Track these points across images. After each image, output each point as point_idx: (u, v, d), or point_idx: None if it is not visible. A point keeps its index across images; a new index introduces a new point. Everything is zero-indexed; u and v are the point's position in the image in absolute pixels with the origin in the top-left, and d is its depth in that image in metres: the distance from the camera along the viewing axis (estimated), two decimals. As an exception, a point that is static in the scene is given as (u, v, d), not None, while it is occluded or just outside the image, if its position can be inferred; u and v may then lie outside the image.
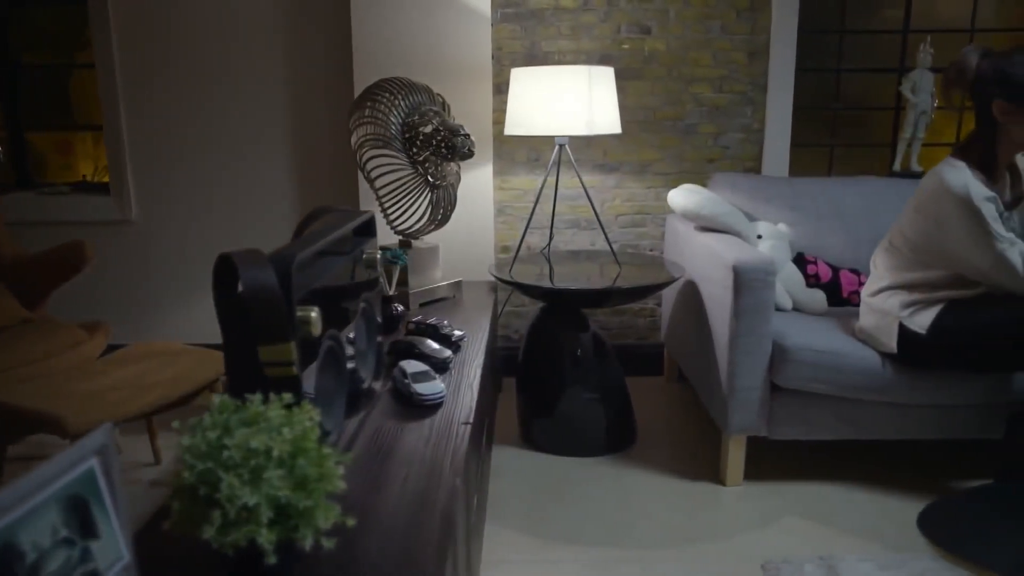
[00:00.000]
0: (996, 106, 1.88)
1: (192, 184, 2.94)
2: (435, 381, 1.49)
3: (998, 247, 1.86)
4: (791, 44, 2.78)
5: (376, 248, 1.50)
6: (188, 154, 2.92)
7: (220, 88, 2.86)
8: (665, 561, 1.85)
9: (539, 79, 2.31)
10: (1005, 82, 1.86)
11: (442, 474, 1.19)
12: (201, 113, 2.89)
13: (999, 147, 1.93)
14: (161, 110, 2.89)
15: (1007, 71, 1.86)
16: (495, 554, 1.89)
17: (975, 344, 1.96)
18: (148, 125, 2.90)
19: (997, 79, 1.88)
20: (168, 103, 2.88)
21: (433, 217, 2.13)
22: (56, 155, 3.43)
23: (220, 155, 2.92)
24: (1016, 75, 1.85)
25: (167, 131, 2.91)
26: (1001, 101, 1.87)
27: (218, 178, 2.94)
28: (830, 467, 2.31)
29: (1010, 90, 1.86)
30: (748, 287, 2.03)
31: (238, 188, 2.94)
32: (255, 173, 2.94)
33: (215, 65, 2.84)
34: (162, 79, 2.86)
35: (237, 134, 2.90)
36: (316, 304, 1.13)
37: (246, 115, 2.89)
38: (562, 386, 2.40)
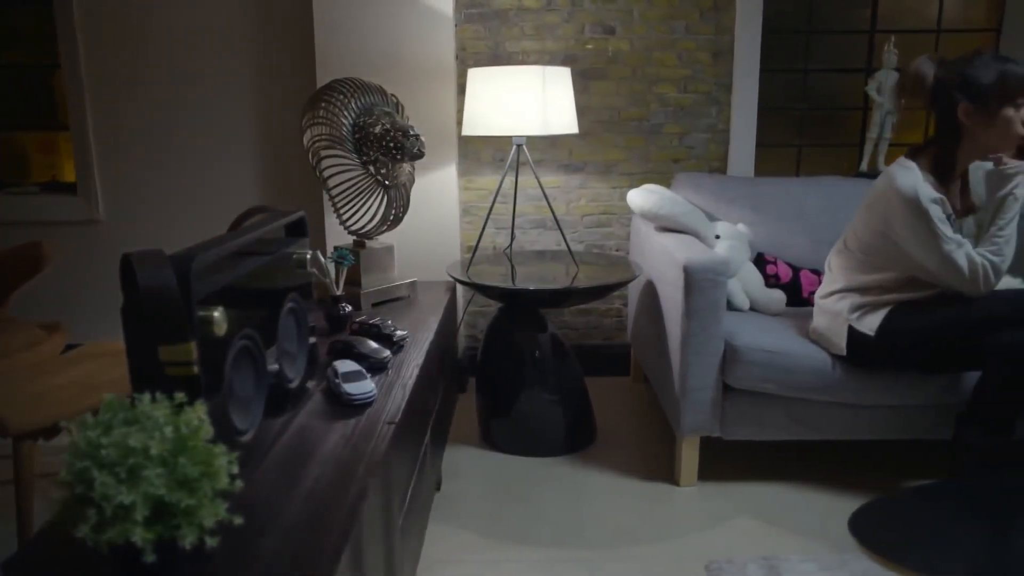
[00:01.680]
0: (962, 110, 1.87)
1: (159, 184, 2.95)
2: (365, 381, 1.49)
3: (945, 248, 1.86)
4: (755, 44, 2.78)
5: (307, 248, 1.50)
6: (155, 154, 2.93)
7: (187, 88, 2.87)
8: (610, 561, 1.85)
9: (495, 79, 2.32)
10: (969, 86, 1.86)
11: (355, 474, 1.19)
12: (168, 113, 2.89)
13: (960, 152, 1.92)
14: (128, 110, 2.89)
15: (970, 75, 1.86)
16: (440, 554, 1.89)
17: (922, 345, 1.96)
18: (115, 125, 2.91)
19: (960, 84, 1.87)
20: (135, 103, 2.89)
21: (385, 217, 2.14)
22: (39, 154, 3.44)
23: (187, 155, 2.93)
24: (980, 78, 1.84)
25: (134, 131, 2.91)
26: (966, 105, 1.87)
27: (185, 178, 2.94)
28: (785, 467, 2.31)
29: (974, 93, 1.85)
30: (699, 287, 2.03)
31: (205, 188, 2.95)
32: (222, 173, 2.94)
33: (181, 65, 2.85)
34: (128, 79, 2.86)
35: (204, 134, 2.91)
36: (228, 304, 1.13)
37: (213, 115, 2.89)
38: (520, 386, 2.40)
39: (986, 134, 1.88)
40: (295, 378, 1.45)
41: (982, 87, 1.85)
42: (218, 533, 0.92)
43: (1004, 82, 1.82)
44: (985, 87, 1.85)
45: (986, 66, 1.84)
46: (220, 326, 1.08)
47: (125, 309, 1.05)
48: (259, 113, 2.88)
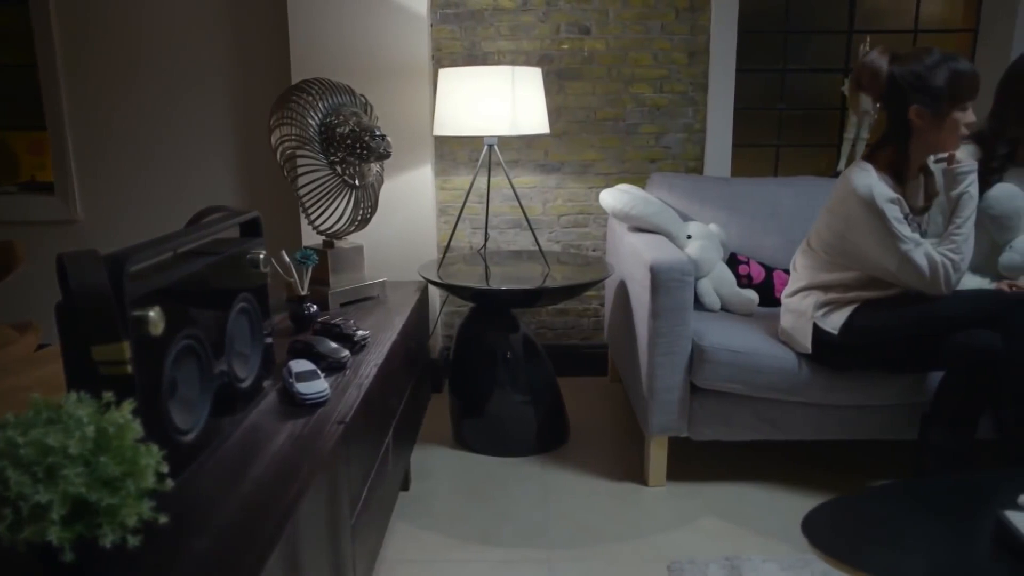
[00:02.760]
0: (914, 111, 1.87)
1: (138, 184, 2.95)
2: (318, 381, 1.49)
3: (902, 248, 1.86)
4: (731, 44, 2.78)
5: (262, 248, 1.51)
6: (133, 154, 2.93)
7: (164, 88, 2.87)
8: (572, 561, 1.85)
9: (465, 80, 2.32)
10: (923, 89, 1.85)
11: (298, 474, 1.19)
12: (146, 113, 2.89)
13: (912, 150, 1.93)
14: (106, 110, 2.89)
15: (924, 75, 1.85)
16: (403, 554, 1.89)
17: (884, 344, 1.96)
18: (93, 125, 2.91)
19: (915, 86, 1.87)
20: (113, 103, 2.89)
21: (353, 218, 2.14)
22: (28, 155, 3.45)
23: (165, 155, 2.93)
24: (933, 80, 1.84)
25: (112, 131, 2.91)
26: (919, 107, 1.86)
27: (163, 178, 2.95)
28: (755, 467, 2.31)
29: (928, 97, 1.85)
30: (665, 287, 2.03)
31: (183, 188, 2.95)
32: (200, 173, 2.94)
33: (159, 65, 2.85)
34: (106, 79, 2.87)
35: (182, 134, 2.91)
36: (171, 304, 1.14)
37: (191, 115, 2.89)
38: (492, 387, 2.40)
39: (935, 135, 1.88)
40: (247, 377, 1.45)
41: (934, 89, 1.84)
42: (142, 532, 0.92)
43: (955, 85, 1.82)
44: (937, 89, 1.84)
45: (937, 67, 1.83)
46: (156, 326, 1.08)
47: (59, 308, 1.06)
48: (236, 113, 2.89)
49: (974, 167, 1.94)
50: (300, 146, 2.06)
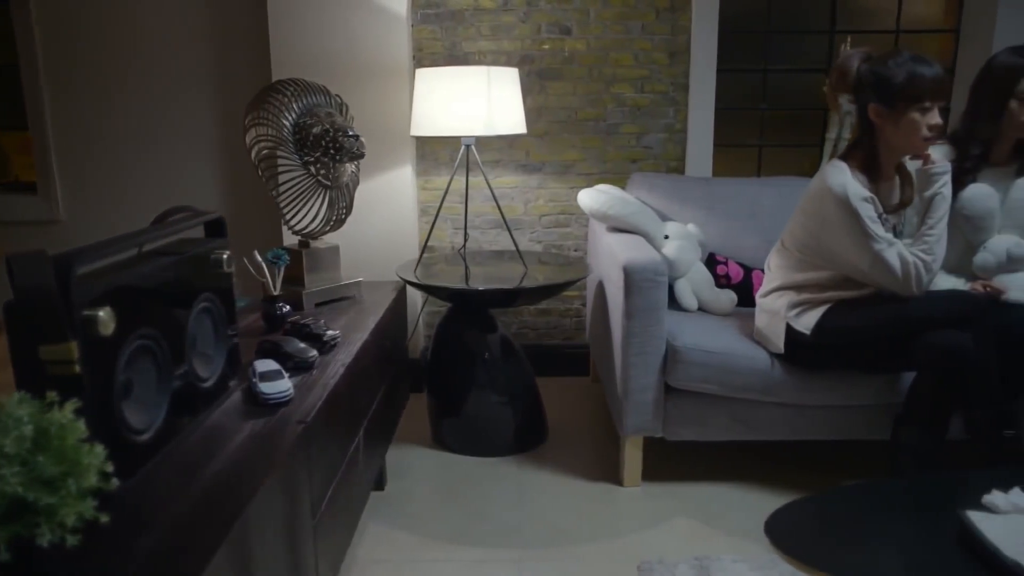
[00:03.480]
0: (872, 110, 1.88)
1: (120, 184, 2.95)
2: (282, 380, 1.49)
3: (875, 247, 1.86)
4: (712, 44, 2.78)
5: (225, 249, 1.51)
6: (116, 154, 2.93)
7: (146, 88, 2.87)
8: (543, 561, 1.85)
9: (441, 80, 2.32)
10: (879, 85, 1.87)
11: (253, 473, 1.19)
12: (128, 113, 2.89)
13: (879, 150, 1.93)
14: (88, 110, 2.89)
15: (882, 74, 1.86)
16: (374, 554, 1.89)
17: (857, 345, 1.96)
18: (75, 125, 2.91)
19: (873, 83, 1.88)
20: (95, 103, 2.89)
21: (328, 218, 2.14)
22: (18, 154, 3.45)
23: (147, 156, 2.93)
24: (890, 78, 1.85)
25: (95, 131, 2.91)
26: (876, 105, 1.87)
27: (145, 178, 2.94)
28: (730, 468, 2.30)
29: (883, 93, 1.86)
30: (638, 287, 2.03)
31: (166, 189, 2.95)
32: (182, 174, 2.94)
33: (140, 65, 2.85)
34: (87, 78, 2.86)
35: (164, 135, 2.91)
36: (126, 304, 1.14)
37: (173, 116, 2.89)
38: (469, 387, 2.41)
39: (893, 135, 1.88)
40: (210, 377, 1.45)
41: (891, 87, 1.85)
42: (83, 532, 0.92)
43: (911, 84, 1.82)
44: (894, 87, 1.84)
45: (899, 66, 1.84)
46: (106, 326, 1.09)
47: (7, 308, 1.06)
48: (218, 113, 2.89)
49: (948, 168, 1.94)
50: (275, 146, 2.06)
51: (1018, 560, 1.26)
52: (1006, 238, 2.09)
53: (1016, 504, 1.45)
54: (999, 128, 2.08)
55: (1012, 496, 1.46)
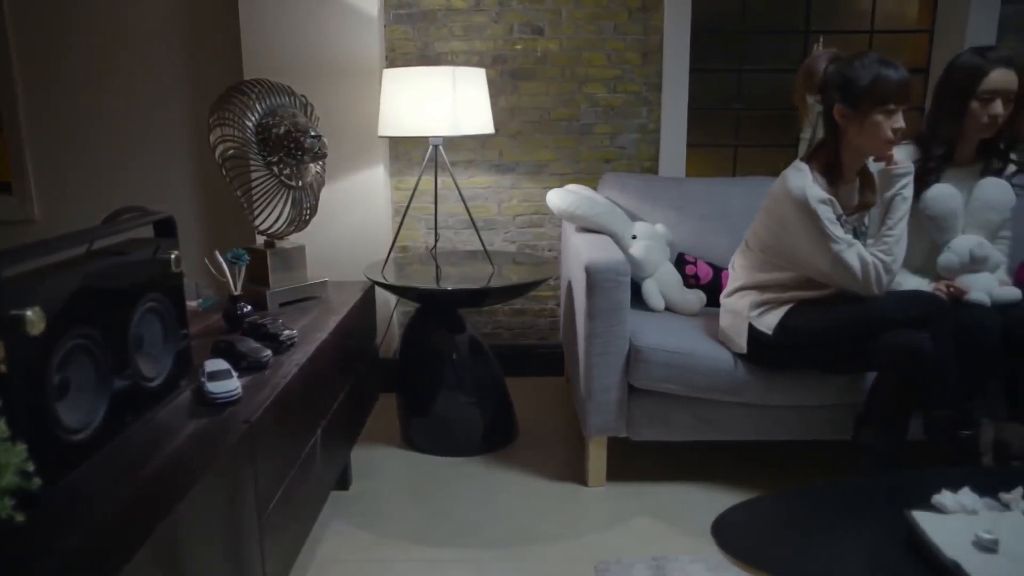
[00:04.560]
0: (836, 110, 1.88)
1: (95, 183, 2.95)
2: (230, 380, 1.49)
3: (834, 248, 1.86)
4: (684, 44, 2.78)
5: (174, 248, 1.51)
6: (90, 154, 2.93)
7: (119, 89, 2.87)
8: (501, 561, 1.85)
9: (407, 81, 2.32)
10: (844, 87, 1.86)
11: (189, 473, 1.20)
12: (102, 113, 2.89)
13: (842, 151, 1.93)
14: (63, 109, 2.89)
15: (847, 75, 1.86)
16: (335, 553, 1.90)
17: (818, 345, 1.96)
18: (50, 124, 2.91)
19: (838, 84, 1.88)
20: (69, 102, 2.89)
21: (292, 218, 2.14)
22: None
23: (122, 154, 2.93)
24: (855, 80, 1.84)
25: (69, 130, 2.91)
26: (840, 106, 1.87)
27: (120, 177, 2.94)
28: (696, 468, 2.31)
29: (848, 94, 1.86)
30: (600, 287, 2.03)
31: (140, 188, 2.95)
32: (157, 174, 2.94)
33: (113, 65, 2.85)
34: (62, 79, 2.86)
35: (138, 135, 2.91)
36: (62, 303, 1.14)
37: (147, 116, 2.89)
38: (438, 387, 2.41)
39: (857, 136, 1.88)
40: (157, 377, 1.45)
41: (855, 89, 1.84)
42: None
43: (876, 86, 1.81)
44: (858, 89, 1.84)
45: (865, 68, 1.83)
46: (35, 325, 1.09)
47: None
48: (192, 113, 2.89)
49: (910, 169, 1.94)
50: (238, 147, 2.06)
51: (957, 560, 1.26)
52: (969, 238, 2.09)
53: (963, 504, 1.45)
54: (962, 128, 2.08)
55: (960, 496, 1.46)
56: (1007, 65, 2.02)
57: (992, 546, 1.30)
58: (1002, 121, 2.04)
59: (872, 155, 1.94)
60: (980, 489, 1.46)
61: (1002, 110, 2.02)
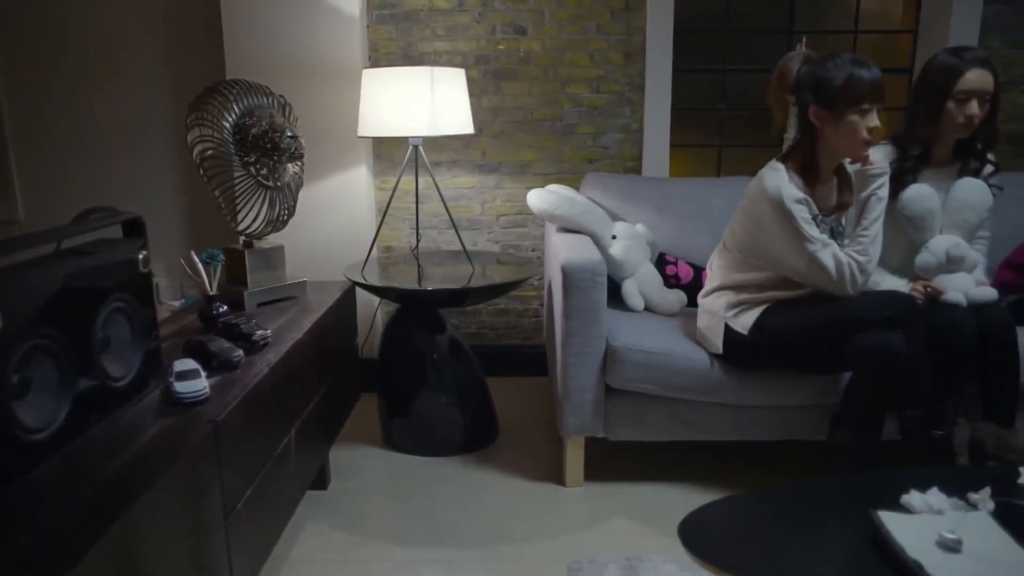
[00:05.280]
0: (812, 111, 1.88)
1: (79, 183, 2.95)
2: (198, 380, 1.49)
3: (809, 248, 1.86)
4: (667, 45, 2.78)
5: (143, 248, 1.51)
6: (75, 155, 2.93)
7: (103, 90, 2.87)
8: (474, 561, 1.85)
9: (386, 81, 2.32)
10: (818, 88, 1.86)
11: (149, 472, 1.20)
12: (86, 114, 2.89)
13: (818, 152, 1.93)
14: (47, 110, 2.89)
15: (821, 76, 1.86)
16: (309, 553, 1.90)
17: (793, 345, 1.96)
18: (34, 126, 2.91)
19: (812, 85, 1.87)
20: (54, 104, 2.89)
21: (269, 218, 2.14)
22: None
23: (107, 155, 2.93)
24: (828, 80, 1.84)
25: (53, 130, 2.91)
26: (815, 107, 1.87)
27: (105, 178, 2.95)
28: (674, 468, 2.31)
29: (822, 95, 1.85)
30: (576, 287, 2.04)
31: (125, 189, 2.95)
32: (141, 173, 2.94)
33: (98, 65, 2.85)
34: (45, 79, 2.86)
35: (122, 135, 2.91)
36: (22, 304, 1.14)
37: (132, 115, 2.89)
38: (418, 387, 2.41)
39: (833, 137, 1.88)
40: (124, 377, 1.45)
41: (830, 89, 1.84)
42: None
43: (850, 86, 1.81)
44: (833, 89, 1.84)
45: (838, 68, 1.83)
46: (-9, 325, 1.09)
47: None
48: (176, 114, 2.89)
49: (886, 170, 1.94)
50: (215, 147, 2.07)
51: (920, 560, 1.26)
52: (946, 238, 2.09)
53: (930, 504, 1.45)
54: (938, 128, 2.08)
55: (928, 496, 1.46)
56: (983, 65, 2.02)
57: (955, 546, 1.30)
58: (978, 121, 2.04)
59: (848, 155, 1.94)
60: (950, 489, 1.46)
61: (978, 110, 2.02)
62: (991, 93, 2.03)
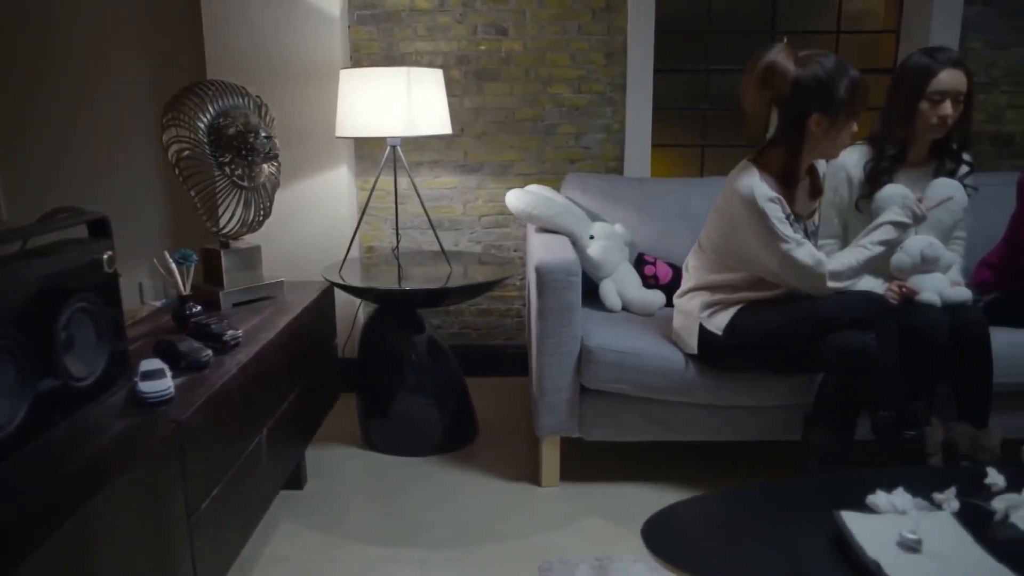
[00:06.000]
0: (814, 120, 1.84)
1: (62, 184, 2.96)
2: (163, 380, 1.49)
3: (783, 247, 1.86)
4: (648, 45, 2.78)
5: (108, 249, 1.51)
6: (57, 155, 2.93)
7: (86, 90, 2.87)
8: (447, 561, 1.85)
9: (362, 81, 2.32)
10: (826, 97, 1.81)
11: (106, 472, 1.20)
12: (70, 115, 2.89)
13: (805, 156, 1.91)
14: (29, 110, 2.89)
15: (828, 85, 1.80)
16: (281, 552, 1.90)
17: (767, 345, 1.96)
18: (15, 125, 2.91)
19: (818, 94, 1.81)
20: (35, 103, 2.89)
21: (245, 219, 2.14)
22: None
23: (91, 155, 2.93)
24: (835, 90, 1.80)
25: (37, 130, 2.92)
26: (820, 116, 1.83)
27: (87, 178, 2.95)
28: (652, 468, 2.30)
29: (827, 104, 1.81)
30: (550, 287, 2.04)
31: (107, 188, 2.95)
32: (125, 174, 2.94)
33: (78, 65, 2.85)
34: (27, 78, 2.87)
35: (104, 135, 2.91)
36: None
37: (116, 114, 2.89)
38: (396, 388, 2.41)
39: (827, 143, 1.88)
40: (88, 377, 1.45)
41: (836, 99, 1.81)
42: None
43: (854, 96, 1.80)
44: (838, 100, 1.81)
45: (838, 75, 1.80)
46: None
47: None
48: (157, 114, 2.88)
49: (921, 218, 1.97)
50: (191, 147, 2.07)
51: (879, 560, 1.26)
52: (921, 239, 2.09)
53: (895, 504, 1.45)
54: (913, 129, 2.08)
55: (893, 496, 1.46)
56: (956, 66, 2.02)
57: (915, 546, 1.30)
58: (952, 122, 2.04)
59: (828, 157, 1.95)
60: (916, 489, 1.46)
61: (951, 111, 2.02)
62: (965, 93, 2.03)
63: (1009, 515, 1.40)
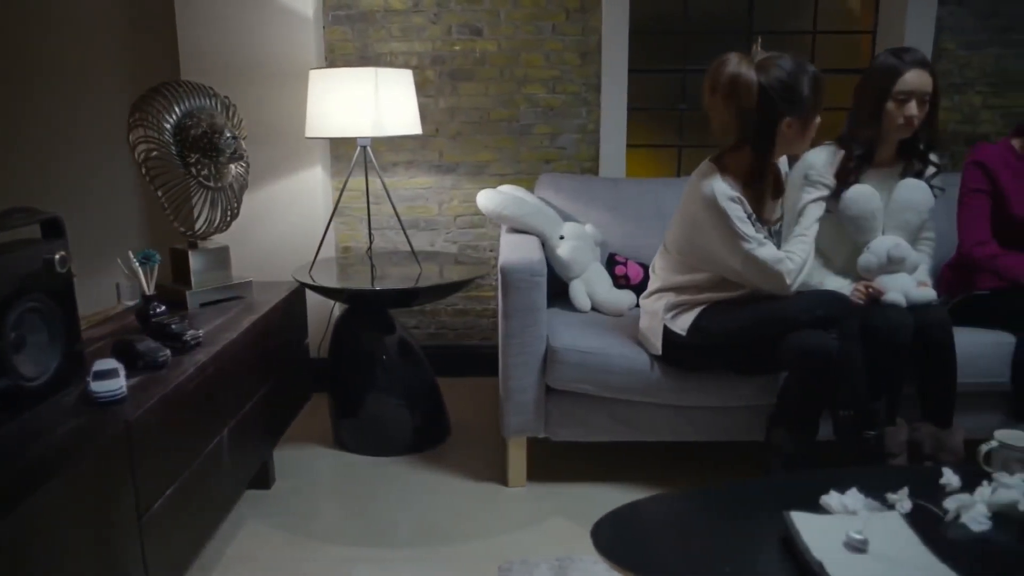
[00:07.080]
0: (787, 123, 1.84)
1: (36, 184, 2.96)
2: (116, 379, 1.49)
3: (745, 247, 1.86)
4: (623, 45, 2.79)
5: (62, 249, 1.51)
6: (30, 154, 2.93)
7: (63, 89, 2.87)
8: (408, 561, 1.85)
9: (331, 82, 2.32)
10: (794, 100, 1.82)
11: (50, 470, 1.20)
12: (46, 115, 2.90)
13: (772, 156, 1.91)
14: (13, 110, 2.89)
15: (793, 87, 1.81)
16: (245, 551, 1.90)
17: (730, 345, 1.96)
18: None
19: (785, 96, 1.81)
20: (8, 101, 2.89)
21: (211, 219, 2.15)
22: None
23: (65, 155, 2.93)
24: (800, 90, 1.82)
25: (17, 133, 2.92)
26: (790, 118, 1.83)
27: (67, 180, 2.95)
28: (620, 468, 2.30)
29: (796, 105, 1.82)
30: (515, 287, 2.04)
31: (87, 190, 2.95)
32: (102, 175, 2.94)
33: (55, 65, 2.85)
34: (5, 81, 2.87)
35: (82, 135, 2.91)
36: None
37: (89, 116, 2.89)
38: (367, 387, 2.41)
39: (794, 141, 1.89)
40: (39, 376, 1.45)
41: (803, 98, 1.82)
42: None
43: (818, 92, 1.82)
44: (803, 99, 1.82)
45: (799, 74, 1.81)
46: None
47: None
48: (134, 114, 2.89)
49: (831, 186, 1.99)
50: (157, 148, 2.07)
51: (823, 560, 1.26)
52: (888, 239, 2.09)
53: (846, 504, 1.45)
54: (880, 129, 2.08)
55: (845, 496, 1.46)
56: (922, 66, 2.02)
57: (862, 546, 1.30)
58: (918, 122, 2.04)
59: (798, 153, 1.96)
60: (871, 489, 1.46)
61: (917, 111, 2.02)
62: (930, 94, 2.03)
63: (960, 516, 1.40)
